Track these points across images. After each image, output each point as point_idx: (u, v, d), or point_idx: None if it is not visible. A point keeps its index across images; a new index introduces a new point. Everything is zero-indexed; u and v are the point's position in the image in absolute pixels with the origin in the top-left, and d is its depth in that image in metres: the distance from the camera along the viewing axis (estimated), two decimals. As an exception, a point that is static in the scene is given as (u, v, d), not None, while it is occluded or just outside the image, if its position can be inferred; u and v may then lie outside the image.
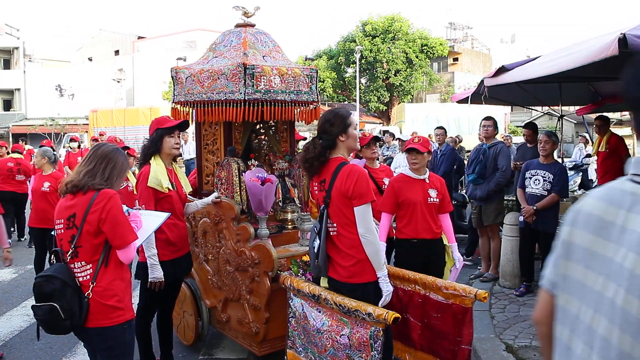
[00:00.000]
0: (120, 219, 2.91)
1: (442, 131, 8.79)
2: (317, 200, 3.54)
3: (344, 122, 3.40)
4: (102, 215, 2.86)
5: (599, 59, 4.87)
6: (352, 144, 3.48)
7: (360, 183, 3.25)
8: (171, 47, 41.04)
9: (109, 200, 2.89)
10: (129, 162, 3.29)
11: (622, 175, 2.66)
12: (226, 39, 4.72)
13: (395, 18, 33.84)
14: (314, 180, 3.51)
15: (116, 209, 2.91)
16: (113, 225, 2.87)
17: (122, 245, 2.91)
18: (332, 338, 3.41)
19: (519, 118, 32.07)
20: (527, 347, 4.78)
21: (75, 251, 2.90)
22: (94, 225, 2.86)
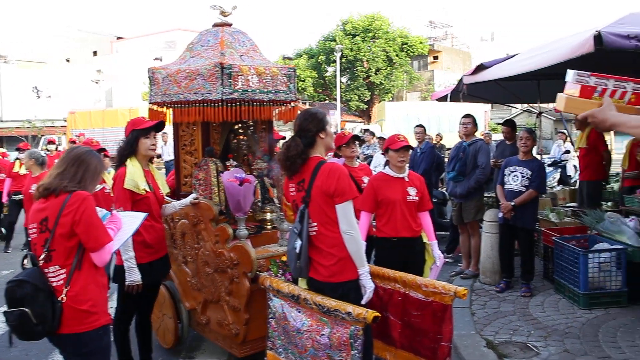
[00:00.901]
0: (94, 221, 2.87)
1: (422, 129, 8.82)
2: (293, 202, 3.49)
3: (323, 120, 3.40)
4: (76, 217, 2.81)
5: (576, 56, 4.93)
6: (330, 142, 3.49)
7: (342, 180, 3.24)
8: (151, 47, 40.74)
9: (82, 202, 2.84)
10: (105, 164, 3.23)
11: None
12: (203, 39, 4.68)
13: (375, 17, 33.94)
14: (291, 181, 3.46)
15: (90, 210, 2.86)
16: (87, 227, 2.83)
17: (96, 248, 2.86)
18: (312, 338, 3.39)
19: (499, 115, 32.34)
20: (507, 342, 4.81)
21: (48, 255, 2.84)
22: (67, 228, 2.81)
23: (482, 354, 4.61)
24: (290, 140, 3.41)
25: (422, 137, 8.67)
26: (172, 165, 6.14)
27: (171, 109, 4.59)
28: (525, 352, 4.60)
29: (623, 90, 2.50)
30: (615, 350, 4.52)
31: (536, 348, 4.65)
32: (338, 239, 3.28)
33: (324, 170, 3.27)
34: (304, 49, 36.99)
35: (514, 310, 5.59)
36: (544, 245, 6.66)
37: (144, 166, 4.11)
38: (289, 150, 3.37)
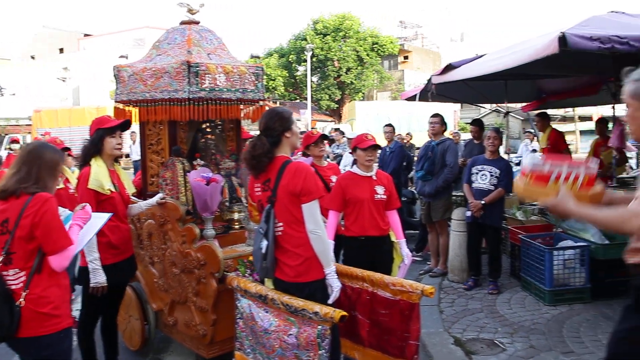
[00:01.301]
0: (55, 224, 2.80)
1: (391, 129, 8.86)
2: (258, 202, 3.47)
3: (289, 119, 3.38)
4: (35, 220, 2.74)
5: (541, 57, 5.00)
6: (296, 142, 3.47)
7: (308, 180, 3.22)
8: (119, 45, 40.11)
9: (43, 204, 2.77)
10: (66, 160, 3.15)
11: None
12: (170, 37, 4.62)
13: (346, 16, 34.02)
14: (256, 181, 3.43)
15: (50, 213, 2.79)
16: (46, 230, 2.76)
17: (54, 251, 2.79)
18: (279, 338, 3.38)
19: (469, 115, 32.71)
20: (474, 339, 4.86)
21: (8, 257, 2.77)
22: (26, 230, 2.74)
23: (450, 351, 4.65)
24: (256, 139, 3.38)
25: (391, 137, 8.72)
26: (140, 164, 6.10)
27: (137, 108, 4.51)
28: (492, 349, 4.66)
29: (576, 174, 2.65)
30: (578, 345, 4.61)
31: (503, 344, 4.72)
32: (304, 238, 3.27)
33: (289, 170, 3.25)
34: (274, 48, 36.88)
35: (481, 308, 5.66)
36: (511, 243, 6.76)
37: (109, 166, 4.04)
38: (254, 149, 3.33)
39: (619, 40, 4.73)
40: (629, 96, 2.50)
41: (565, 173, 2.65)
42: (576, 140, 32.53)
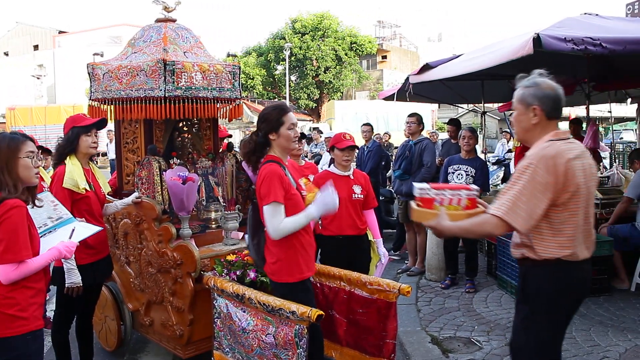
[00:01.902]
0: (15, 233, 2.67)
1: (369, 128, 8.88)
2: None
3: (278, 120, 3.26)
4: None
5: (516, 58, 5.06)
6: (284, 144, 3.31)
7: (265, 183, 3.16)
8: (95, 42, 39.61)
9: (6, 212, 2.65)
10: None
11: None
12: (146, 34, 4.58)
13: (324, 16, 34.07)
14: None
15: (11, 221, 2.66)
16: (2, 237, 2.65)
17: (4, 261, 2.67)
18: (257, 337, 3.37)
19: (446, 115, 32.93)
20: (451, 337, 4.90)
21: None
22: None
23: (427, 349, 4.68)
24: (250, 136, 3.40)
25: (369, 136, 8.73)
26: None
27: (113, 106, 4.46)
28: (469, 347, 4.70)
29: (458, 197, 2.99)
30: (553, 343, 4.67)
31: (479, 343, 4.76)
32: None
33: (260, 172, 3.25)
34: (253, 46, 36.78)
35: (458, 306, 5.71)
36: (488, 242, 6.83)
37: (84, 164, 3.98)
38: (243, 146, 3.36)
39: (591, 41, 4.80)
40: (516, 101, 2.83)
41: (447, 197, 3.01)
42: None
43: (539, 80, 2.79)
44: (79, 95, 33.49)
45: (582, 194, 2.68)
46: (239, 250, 4.10)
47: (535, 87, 2.77)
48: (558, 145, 2.69)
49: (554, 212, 2.66)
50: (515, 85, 2.87)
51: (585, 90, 7.62)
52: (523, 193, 2.61)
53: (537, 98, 2.75)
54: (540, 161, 2.63)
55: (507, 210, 2.62)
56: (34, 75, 39.02)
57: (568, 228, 2.68)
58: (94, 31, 43.11)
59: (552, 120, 2.79)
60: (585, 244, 2.76)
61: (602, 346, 4.56)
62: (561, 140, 2.73)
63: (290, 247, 3.27)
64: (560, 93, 2.79)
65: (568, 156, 2.64)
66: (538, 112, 2.75)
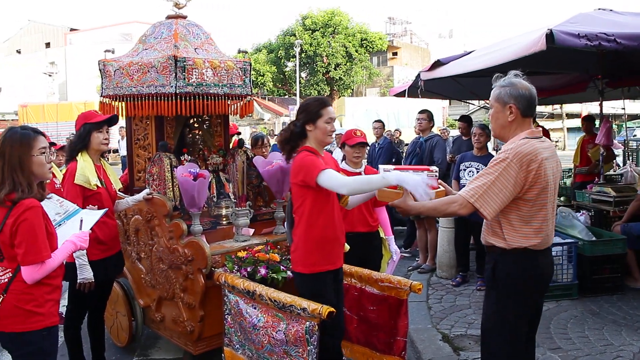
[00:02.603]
0: (30, 236, 2.66)
1: (380, 124, 8.86)
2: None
3: (317, 112, 3.32)
4: (13, 229, 2.64)
5: (529, 54, 5.01)
6: (320, 137, 3.35)
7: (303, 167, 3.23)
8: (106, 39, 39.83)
9: (22, 213, 2.65)
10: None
11: None
12: (157, 31, 4.58)
13: (335, 12, 34.03)
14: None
15: (29, 223, 2.65)
16: (20, 240, 2.65)
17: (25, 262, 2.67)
18: (268, 334, 3.37)
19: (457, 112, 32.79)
20: (462, 335, 4.87)
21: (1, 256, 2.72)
22: (7, 237, 2.66)
23: (438, 347, 4.65)
24: (287, 125, 3.47)
25: (380, 133, 8.71)
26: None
27: (124, 103, 4.47)
28: (480, 345, 4.66)
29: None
30: (565, 341, 4.63)
31: (490, 340, 4.72)
32: (299, 228, 3.34)
33: (294, 161, 3.32)
34: (263, 43, 36.80)
35: (469, 304, 5.68)
36: (499, 240, 6.77)
37: (95, 161, 4.00)
38: (280, 135, 3.46)
39: (605, 37, 4.74)
40: (493, 99, 3.01)
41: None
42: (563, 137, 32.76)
43: (514, 80, 2.96)
44: (90, 92, 33.71)
45: (550, 190, 2.88)
46: (250, 247, 4.10)
47: (511, 87, 2.93)
48: (533, 143, 2.85)
49: (525, 206, 2.86)
50: (493, 85, 3.04)
51: (598, 86, 7.54)
52: (495, 184, 2.79)
53: (513, 97, 2.91)
54: (516, 157, 2.79)
55: (478, 197, 2.81)
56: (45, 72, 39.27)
57: (536, 220, 2.88)
58: (104, 28, 43.33)
59: (527, 118, 2.96)
60: (549, 234, 2.98)
61: (616, 345, 4.51)
62: (536, 138, 2.90)
63: (309, 239, 3.30)
64: (535, 93, 2.96)
65: (543, 155, 2.82)
66: (514, 110, 2.91)
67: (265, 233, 4.61)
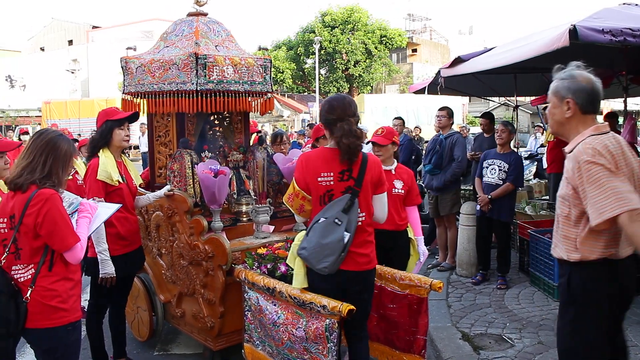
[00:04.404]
0: (59, 222, 2.73)
1: (400, 122, 8.82)
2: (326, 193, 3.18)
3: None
4: (38, 220, 2.70)
5: (551, 50, 4.95)
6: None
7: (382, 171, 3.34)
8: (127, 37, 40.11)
9: (45, 202, 2.71)
10: (76, 149, 3.13)
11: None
12: (178, 28, 4.60)
13: (354, 9, 33.93)
14: (330, 169, 3.17)
15: (54, 211, 2.72)
16: (50, 230, 2.71)
17: (63, 250, 2.76)
18: (288, 331, 3.37)
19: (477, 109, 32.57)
20: (482, 334, 4.84)
21: (17, 252, 2.76)
22: (30, 229, 2.71)
23: (458, 346, 4.63)
24: (351, 125, 3.16)
25: (400, 130, 8.68)
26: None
27: (145, 100, 4.51)
28: (500, 344, 4.63)
29: None
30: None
31: (511, 340, 4.69)
32: (372, 227, 3.36)
33: (372, 162, 3.25)
34: (282, 40, 36.83)
35: (489, 303, 5.63)
36: (520, 238, 6.72)
37: (116, 157, 4.04)
38: (359, 138, 3.16)
39: (631, 32, 4.66)
40: (551, 93, 2.78)
41: None
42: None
43: (575, 72, 2.73)
44: (112, 89, 34.05)
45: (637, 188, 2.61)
46: (270, 244, 4.10)
47: (570, 80, 2.71)
48: (603, 139, 2.61)
49: None
50: (552, 77, 2.82)
51: (622, 83, 7.43)
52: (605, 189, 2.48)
53: (571, 91, 2.69)
54: (596, 156, 2.53)
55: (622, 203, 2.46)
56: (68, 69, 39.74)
57: (613, 227, 2.56)
58: (126, 26, 43.70)
59: (589, 115, 2.72)
60: (627, 241, 2.65)
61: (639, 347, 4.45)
62: (603, 134, 2.66)
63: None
64: (598, 87, 2.72)
65: (622, 146, 2.59)
66: (572, 106, 2.69)
67: (286, 230, 4.62)
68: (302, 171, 3.20)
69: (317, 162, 3.18)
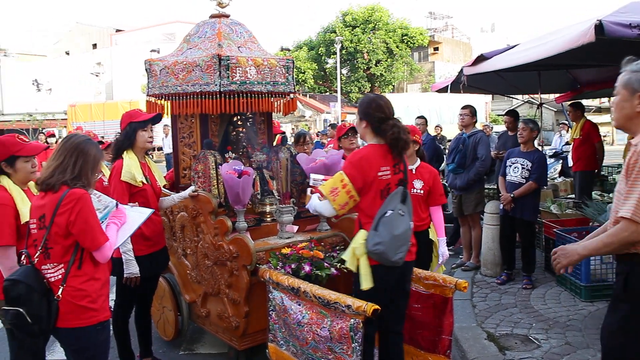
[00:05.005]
0: (90, 222, 2.80)
1: (423, 121, 8.78)
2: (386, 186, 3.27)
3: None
4: (71, 218, 2.75)
5: (576, 46, 4.87)
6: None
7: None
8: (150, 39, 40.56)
9: (77, 201, 2.77)
10: (103, 154, 3.20)
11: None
12: (200, 30, 4.64)
13: (375, 8, 33.85)
14: (386, 163, 3.28)
15: (85, 210, 2.79)
16: (82, 228, 2.77)
17: (93, 248, 2.81)
18: (312, 331, 3.38)
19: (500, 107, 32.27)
20: (508, 335, 4.79)
21: (46, 252, 2.81)
22: (62, 228, 2.77)
23: (483, 346, 4.59)
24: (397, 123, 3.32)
25: (423, 129, 8.64)
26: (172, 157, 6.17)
27: (169, 101, 4.55)
28: (527, 345, 4.58)
29: None
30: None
31: (537, 341, 4.63)
32: None
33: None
34: (303, 40, 36.89)
35: (515, 303, 5.57)
36: (545, 237, 6.64)
37: (140, 159, 4.09)
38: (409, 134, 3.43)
39: (660, 27, 4.57)
40: (620, 85, 2.65)
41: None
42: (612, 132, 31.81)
43: None
44: (135, 91, 34.40)
45: None
46: (294, 244, 4.11)
47: None
48: None
49: None
50: (622, 68, 2.69)
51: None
52: None
53: None
54: None
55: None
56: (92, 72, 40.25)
57: None
58: (148, 29, 44.14)
59: None
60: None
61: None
62: None
63: None
64: None
65: None
66: None
67: (309, 230, 4.63)
68: (361, 169, 3.24)
69: (375, 158, 3.27)
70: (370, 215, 3.24)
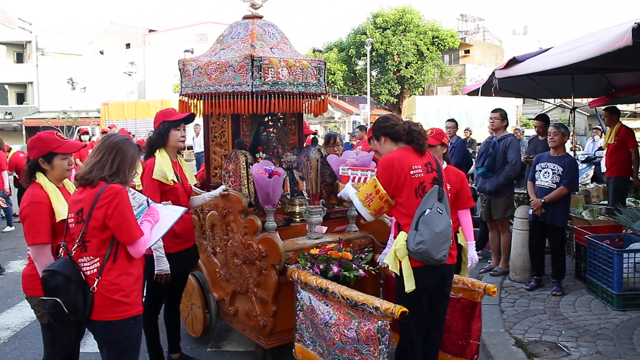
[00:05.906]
0: (127, 216, 2.87)
1: (453, 124, 8.71)
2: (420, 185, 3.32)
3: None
4: (108, 212, 2.83)
5: (612, 50, 4.79)
6: None
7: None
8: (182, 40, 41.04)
9: (115, 196, 2.85)
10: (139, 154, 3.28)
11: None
12: (233, 31, 4.69)
13: (406, 10, 33.66)
14: (417, 162, 3.36)
15: (123, 205, 2.86)
16: (119, 222, 2.84)
17: (129, 242, 2.88)
18: (339, 332, 3.39)
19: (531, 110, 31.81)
20: (536, 341, 4.73)
21: (83, 245, 2.89)
22: (99, 221, 2.84)
23: (511, 352, 4.54)
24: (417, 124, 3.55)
25: (453, 132, 8.58)
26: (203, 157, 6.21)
27: (201, 101, 4.62)
28: (556, 352, 4.52)
29: (365, 176, 4.07)
30: (650, 352, 4.42)
31: (567, 349, 4.57)
32: None
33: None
34: (334, 42, 36.88)
35: (544, 309, 5.50)
36: (576, 244, 6.54)
37: (172, 157, 4.15)
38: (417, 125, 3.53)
39: (700, 30, 4.46)
40: None
41: (358, 176, 4.10)
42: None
43: None
44: (167, 90, 34.86)
45: None
46: (323, 244, 4.13)
47: None
48: None
49: None
50: None
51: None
52: None
53: None
54: None
55: None
56: (125, 72, 40.91)
57: None
58: (180, 29, 44.64)
59: None
60: None
61: None
62: None
63: None
64: None
65: None
66: None
67: (338, 231, 4.65)
68: (393, 169, 3.32)
69: (406, 157, 3.35)
70: (409, 214, 3.26)
